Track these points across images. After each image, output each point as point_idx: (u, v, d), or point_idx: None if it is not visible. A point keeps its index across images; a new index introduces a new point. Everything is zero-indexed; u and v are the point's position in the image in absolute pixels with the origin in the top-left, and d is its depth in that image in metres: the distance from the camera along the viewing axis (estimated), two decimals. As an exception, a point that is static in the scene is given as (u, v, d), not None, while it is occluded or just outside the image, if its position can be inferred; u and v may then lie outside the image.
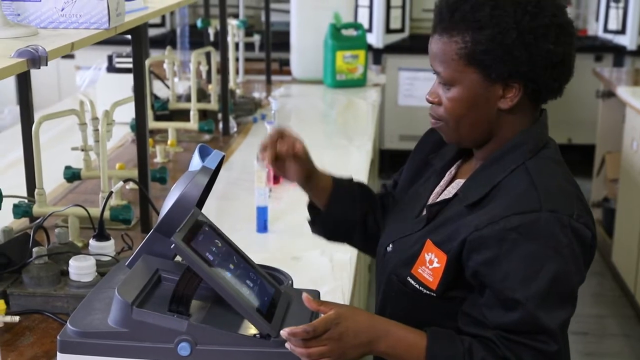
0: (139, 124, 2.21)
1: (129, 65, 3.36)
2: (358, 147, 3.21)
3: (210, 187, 1.58)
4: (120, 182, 2.02)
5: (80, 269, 1.78)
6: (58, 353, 1.37)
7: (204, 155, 1.54)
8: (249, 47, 4.48)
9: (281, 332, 1.32)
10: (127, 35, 3.71)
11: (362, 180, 2.81)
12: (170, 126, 3.11)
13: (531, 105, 1.42)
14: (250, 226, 2.33)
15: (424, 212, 1.49)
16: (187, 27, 4.56)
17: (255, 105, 3.68)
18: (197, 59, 3.15)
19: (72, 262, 1.79)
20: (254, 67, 4.58)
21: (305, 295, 1.37)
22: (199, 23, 4.04)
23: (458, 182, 1.49)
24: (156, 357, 1.34)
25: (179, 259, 1.44)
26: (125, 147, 3.13)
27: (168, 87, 3.36)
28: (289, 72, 4.55)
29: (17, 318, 1.68)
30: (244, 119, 3.55)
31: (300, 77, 4.45)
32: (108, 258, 1.88)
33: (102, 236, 1.90)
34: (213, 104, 3.29)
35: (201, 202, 1.54)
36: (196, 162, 1.53)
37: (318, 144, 3.37)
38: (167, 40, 4.98)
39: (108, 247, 1.90)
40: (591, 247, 1.39)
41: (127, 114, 2.93)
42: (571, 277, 1.34)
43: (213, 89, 3.40)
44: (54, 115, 2.20)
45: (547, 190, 1.35)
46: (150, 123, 2.98)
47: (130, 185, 2.58)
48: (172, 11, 5.69)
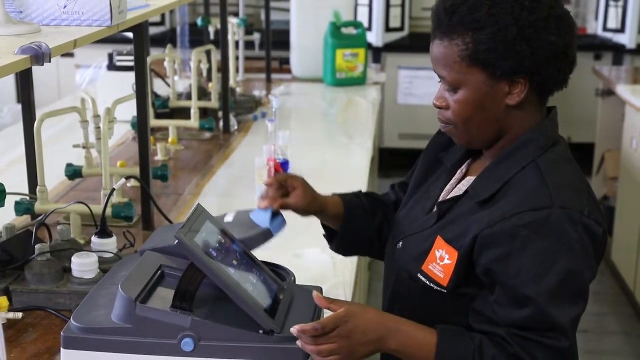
0: (141, 122, 2.21)
1: (129, 64, 3.37)
2: (359, 145, 3.22)
3: None
4: (123, 180, 2.02)
5: (83, 265, 1.78)
6: (62, 349, 1.38)
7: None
8: (249, 45, 4.49)
9: (291, 329, 1.33)
10: (128, 34, 3.72)
11: (364, 179, 2.84)
12: (171, 124, 3.11)
13: (538, 100, 1.43)
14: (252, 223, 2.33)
15: (435, 210, 1.50)
16: (187, 26, 4.56)
17: (255, 103, 3.68)
18: (198, 57, 3.15)
19: (74, 259, 1.79)
20: (254, 65, 4.58)
21: (315, 293, 1.38)
22: (200, 22, 4.04)
23: (469, 180, 1.50)
24: (160, 353, 1.35)
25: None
26: (126, 145, 3.13)
27: (169, 86, 3.36)
28: (289, 71, 4.56)
29: (20, 315, 1.67)
30: (244, 117, 3.56)
31: (301, 76, 4.45)
32: (110, 255, 1.89)
33: (104, 233, 1.91)
34: (214, 102, 3.30)
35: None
36: (262, 218, 1.56)
37: (319, 143, 3.39)
38: (167, 39, 4.98)
39: (110, 244, 1.90)
40: (602, 244, 1.40)
41: (128, 112, 2.93)
42: (583, 273, 1.34)
43: (214, 87, 3.41)
44: (55, 113, 2.20)
45: (558, 187, 1.36)
46: (151, 121, 2.98)
47: (132, 183, 2.58)
48: (172, 10, 5.69)
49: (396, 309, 1.52)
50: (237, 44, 4.08)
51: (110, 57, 3.44)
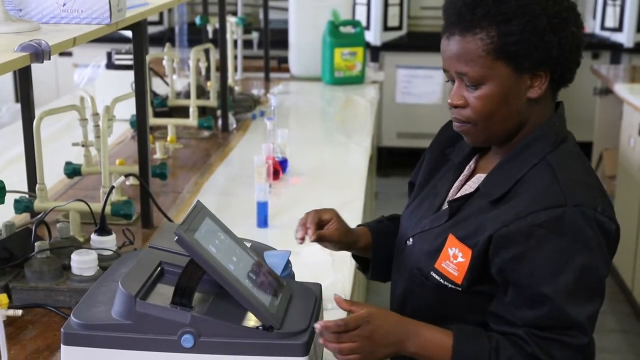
0: (140, 120, 2.21)
1: (128, 62, 3.37)
2: (357, 144, 3.22)
3: None
4: (122, 177, 2.03)
5: (82, 263, 1.79)
6: (62, 345, 1.38)
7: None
8: (248, 45, 4.49)
9: (315, 325, 1.35)
10: (126, 32, 3.72)
11: (362, 178, 2.85)
12: (170, 123, 3.12)
13: (552, 93, 1.45)
14: (251, 221, 2.34)
15: (444, 207, 1.49)
16: (185, 25, 4.56)
17: (254, 102, 3.68)
18: (197, 56, 3.16)
19: (74, 256, 1.79)
20: (252, 64, 4.58)
21: (337, 296, 1.41)
22: (198, 20, 4.05)
23: (479, 177, 1.49)
24: (160, 349, 1.35)
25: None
26: (125, 144, 3.13)
27: (167, 84, 3.37)
28: (287, 70, 4.56)
29: (19, 312, 1.67)
30: (242, 115, 3.56)
31: (299, 75, 4.45)
32: (110, 252, 1.89)
33: (103, 230, 1.91)
34: (212, 101, 3.30)
35: None
36: (276, 262, 1.62)
37: (317, 141, 3.39)
38: (165, 38, 4.98)
39: (110, 242, 1.91)
40: (615, 240, 1.41)
41: (126, 110, 2.94)
42: (598, 269, 1.35)
43: (212, 86, 3.41)
44: (54, 111, 2.20)
45: (570, 185, 1.36)
46: (150, 120, 2.98)
47: (131, 182, 2.59)
48: (170, 9, 5.69)
49: (408, 306, 1.52)
50: (235, 42, 4.08)
51: (109, 55, 3.44)
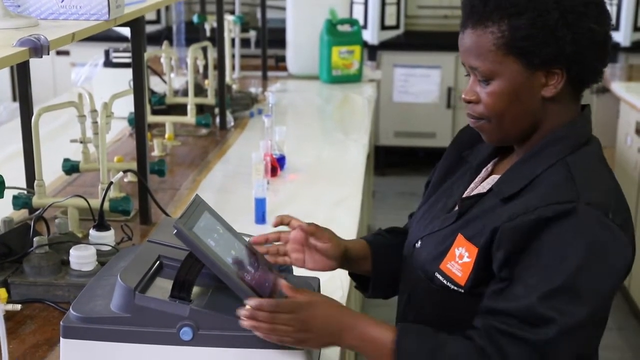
0: (138, 116, 2.22)
1: (126, 60, 3.38)
2: (355, 141, 3.23)
3: None
4: (120, 173, 2.03)
5: (81, 258, 1.79)
6: (61, 338, 1.39)
7: None
8: (245, 44, 4.49)
9: (248, 301, 1.32)
10: (124, 31, 3.69)
11: (360, 175, 2.85)
12: (168, 120, 3.12)
13: (573, 93, 1.37)
14: (249, 218, 2.34)
15: (456, 208, 1.44)
16: (183, 24, 4.57)
17: (252, 100, 3.69)
18: (195, 54, 3.16)
19: (72, 251, 1.80)
20: (249, 63, 4.59)
21: (282, 281, 1.37)
22: (195, 18, 4.06)
23: (494, 178, 1.44)
24: (158, 342, 1.36)
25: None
26: (123, 142, 3.14)
27: (165, 82, 3.37)
28: (284, 68, 4.56)
29: (18, 306, 1.68)
30: (240, 113, 3.56)
31: (296, 73, 4.46)
32: (108, 248, 1.89)
33: (102, 226, 1.91)
34: (210, 99, 3.30)
35: None
36: None
37: (315, 139, 3.40)
38: (162, 37, 4.98)
39: (108, 237, 1.91)
40: (625, 250, 1.30)
41: (124, 108, 2.94)
42: (597, 275, 1.25)
43: (210, 84, 3.41)
44: (53, 107, 2.21)
45: (586, 184, 1.29)
46: (148, 117, 2.99)
47: (129, 178, 2.59)
48: (167, 8, 5.70)
49: (413, 312, 1.48)
50: (232, 41, 4.08)
51: (107, 53, 3.44)
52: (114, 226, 1.99)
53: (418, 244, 1.49)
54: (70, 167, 2.41)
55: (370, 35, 5.60)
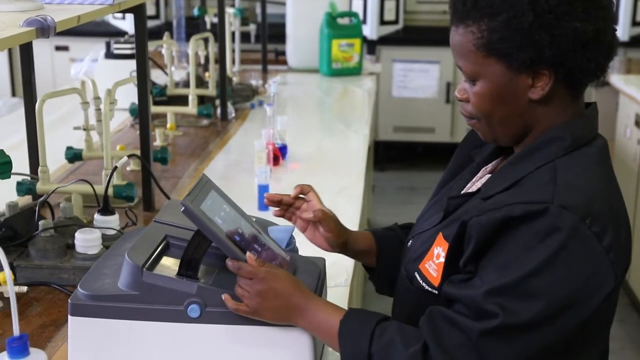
0: (141, 102, 2.22)
1: (127, 52, 3.38)
2: (355, 132, 3.24)
3: None
4: (125, 157, 2.03)
5: (86, 241, 1.80)
6: (69, 316, 1.38)
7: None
8: (245, 38, 4.50)
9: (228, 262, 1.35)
10: (123, 25, 3.67)
11: (361, 165, 2.86)
12: (169, 110, 3.13)
13: (569, 93, 1.29)
14: (251, 205, 2.34)
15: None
16: (183, 19, 4.57)
17: (252, 92, 3.70)
18: (196, 45, 3.17)
19: (78, 234, 1.80)
20: (249, 57, 4.60)
21: (249, 254, 1.36)
22: (196, 11, 4.07)
23: (487, 177, 1.39)
24: (166, 319, 1.36)
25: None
26: (125, 132, 3.14)
27: (166, 74, 3.38)
28: (284, 62, 4.57)
29: (25, 288, 1.70)
30: (241, 105, 3.57)
31: (296, 66, 4.47)
32: (113, 232, 1.90)
33: (107, 210, 1.92)
34: (211, 90, 3.31)
35: None
36: (281, 237, 1.59)
37: (315, 129, 3.41)
38: (161, 32, 4.99)
39: (113, 222, 1.92)
40: (597, 258, 1.20)
41: (125, 99, 2.95)
42: (554, 281, 1.17)
43: (210, 75, 3.42)
44: (57, 94, 2.21)
45: (566, 187, 1.21)
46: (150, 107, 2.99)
47: (131, 167, 2.60)
48: (166, 3, 5.70)
49: (395, 313, 1.47)
50: (232, 35, 4.09)
51: (108, 45, 3.45)
52: (118, 213, 1.99)
53: (409, 243, 1.47)
54: (73, 155, 2.41)
55: (369, 30, 5.61)
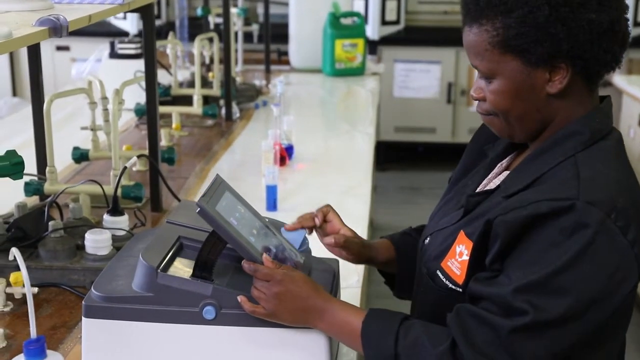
0: (150, 102, 2.21)
1: (131, 52, 3.37)
2: (361, 132, 3.23)
3: None
4: (134, 158, 2.02)
5: (97, 242, 1.79)
6: (83, 318, 1.37)
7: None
8: (247, 38, 4.49)
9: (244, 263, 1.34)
10: (124, 25, 3.68)
11: (368, 164, 2.85)
12: (175, 110, 3.12)
13: (585, 86, 1.29)
14: (259, 205, 2.33)
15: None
16: (186, 19, 4.56)
17: (256, 92, 3.69)
18: (201, 44, 3.16)
19: (88, 235, 1.79)
20: (252, 57, 4.59)
21: (265, 256, 1.35)
22: (199, 11, 4.05)
23: (505, 174, 1.39)
24: (181, 321, 1.35)
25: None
26: (130, 132, 3.13)
27: (170, 74, 3.37)
28: (287, 62, 4.56)
29: (35, 289, 1.68)
30: (245, 105, 3.56)
31: (299, 66, 4.46)
32: (123, 232, 1.89)
33: (116, 211, 1.91)
34: (215, 90, 3.30)
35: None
36: (295, 237, 1.54)
37: (321, 130, 3.40)
38: (163, 32, 4.98)
39: (122, 222, 1.91)
40: (622, 252, 1.20)
41: (130, 99, 2.93)
42: (582, 277, 1.18)
43: (214, 76, 3.41)
44: (65, 94, 2.20)
45: (591, 182, 1.21)
46: (155, 107, 2.98)
47: (137, 167, 2.59)
48: (168, 3, 5.69)
49: (416, 311, 1.46)
50: (235, 35, 4.08)
51: (112, 45, 3.44)
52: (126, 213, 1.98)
53: (427, 241, 1.46)
54: (80, 156, 2.40)
55: (371, 30, 5.59)
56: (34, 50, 2.14)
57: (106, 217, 1.91)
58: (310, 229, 1.54)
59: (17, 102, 5.12)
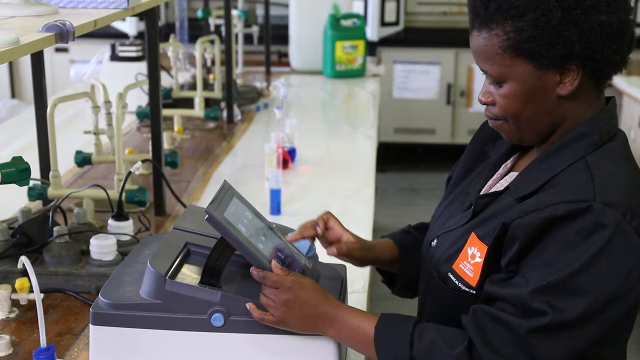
0: (153, 105, 2.20)
1: (132, 54, 3.37)
2: (363, 134, 3.23)
3: None
4: (139, 162, 2.01)
5: (102, 247, 1.78)
6: (91, 325, 1.37)
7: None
8: (247, 40, 4.48)
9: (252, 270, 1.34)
10: (124, 27, 3.68)
11: (371, 166, 2.85)
12: (176, 113, 3.11)
13: (594, 87, 1.31)
14: (263, 209, 2.31)
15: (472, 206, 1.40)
16: (186, 20, 4.55)
17: (257, 94, 3.68)
18: (203, 47, 3.15)
19: (93, 240, 1.78)
20: (252, 59, 4.58)
21: (273, 262, 1.35)
22: (200, 13, 4.04)
23: (512, 175, 1.40)
24: (190, 328, 1.34)
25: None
26: (131, 135, 3.12)
27: (171, 76, 3.36)
28: (287, 64, 4.56)
29: (41, 295, 1.67)
30: (246, 107, 3.56)
31: (300, 68, 4.46)
32: (127, 237, 1.88)
33: (121, 216, 1.90)
34: (217, 92, 3.29)
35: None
36: (302, 243, 1.52)
37: (323, 132, 3.40)
38: (162, 34, 4.96)
39: (127, 227, 1.90)
40: (637, 253, 1.22)
41: (132, 102, 2.92)
42: (599, 278, 1.19)
43: (215, 78, 3.40)
44: (67, 98, 2.19)
45: (605, 183, 1.23)
46: (156, 110, 2.97)
47: (140, 171, 2.58)
48: (167, 4, 5.68)
49: (425, 311, 1.46)
50: (236, 37, 4.07)
51: (113, 47, 3.43)
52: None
53: (434, 243, 1.46)
54: (83, 159, 2.39)
55: (370, 31, 5.58)
56: (37, 55, 2.12)
57: (111, 222, 1.90)
58: (312, 238, 1.53)
59: (16, 103, 5.11)
